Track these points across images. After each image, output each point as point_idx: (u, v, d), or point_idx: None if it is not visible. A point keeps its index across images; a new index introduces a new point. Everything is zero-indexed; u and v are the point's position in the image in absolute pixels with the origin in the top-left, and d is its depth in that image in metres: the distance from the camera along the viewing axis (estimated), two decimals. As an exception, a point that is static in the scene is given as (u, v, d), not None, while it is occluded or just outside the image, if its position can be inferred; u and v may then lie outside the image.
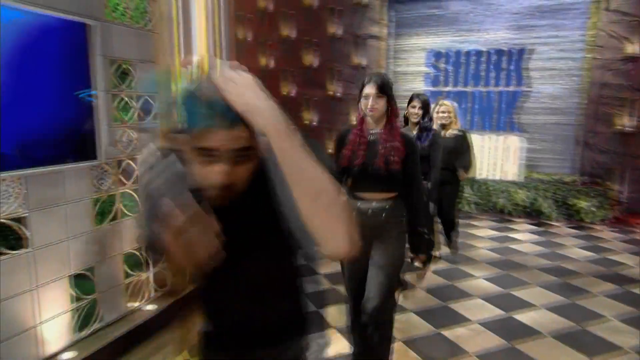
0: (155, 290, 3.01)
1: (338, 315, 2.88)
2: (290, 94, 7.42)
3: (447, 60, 6.64)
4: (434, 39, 6.72)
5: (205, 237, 0.73)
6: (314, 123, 7.33)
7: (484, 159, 6.34)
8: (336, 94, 7.13)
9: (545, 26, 6.11)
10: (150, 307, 2.87)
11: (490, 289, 3.60)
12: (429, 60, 6.74)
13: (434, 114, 3.70)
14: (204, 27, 3.24)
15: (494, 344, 2.76)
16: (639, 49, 5.55)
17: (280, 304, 1.01)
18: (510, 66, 6.31)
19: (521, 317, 3.12)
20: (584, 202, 5.74)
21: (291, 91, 7.43)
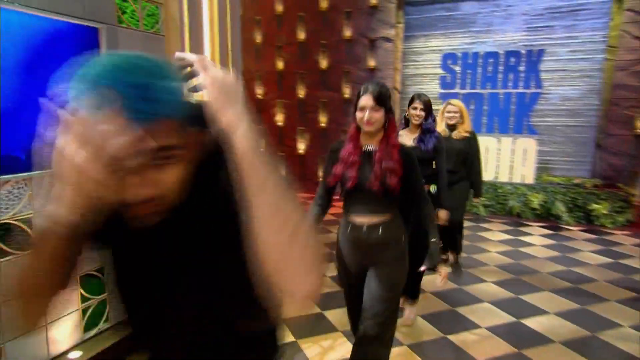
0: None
1: (343, 318, 2.87)
2: (302, 96, 7.46)
3: (460, 62, 6.58)
4: (446, 40, 6.67)
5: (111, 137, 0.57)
6: (325, 125, 7.34)
7: (498, 162, 6.27)
8: (348, 96, 7.12)
9: (559, 27, 6.01)
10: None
11: (500, 294, 3.55)
12: (442, 63, 6.69)
13: (443, 114, 3.59)
14: (215, 30, 3.27)
15: (502, 350, 2.71)
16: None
17: (230, 339, 0.83)
18: (525, 68, 6.22)
19: (531, 323, 3.06)
20: (599, 206, 5.61)
21: (303, 93, 7.47)
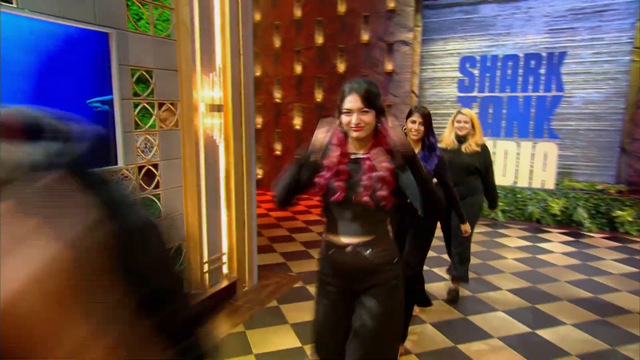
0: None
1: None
2: (320, 100, 7.48)
3: (479, 65, 6.47)
4: (465, 44, 6.58)
5: None
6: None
7: (517, 166, 6.12)
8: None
9: (583, 29, 5.85)
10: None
11: (515, 303, 3.44)
12: (460, 66, 6.60)
13: (453, 124, 3.30)
14: (227, 35, 3.29)
15: (514, 361, 2.63)
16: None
17: None
18: (546, 70, 6.06)
19: (546, 334, 2.95)
20: (623, 213, 5.40)
21: (321, 97, 7.49)
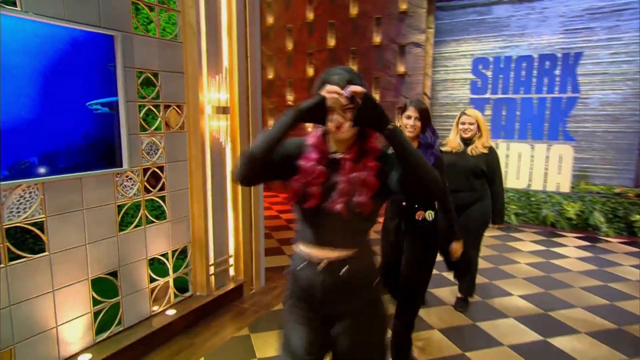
0: (175, 295, 3.05)
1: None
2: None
3: (492, 66, 6.36)
4: (478, 45, 6.48)
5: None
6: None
7: (531, 169, 5.99)
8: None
9: (600, 28, 5.70)
10: (170, 312, 2.91)
11: (527, 309, 3.34)
12: (473, 67, 6.50)
13: (457, 125, 3.16)
14: (234, 38, 3.28)
15: (525, 371, 2.54)
16: None
17: None
18: (561, 71, 5.92)
19: (560, 343, 2.85)
20: (641, 217, 5.24)
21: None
